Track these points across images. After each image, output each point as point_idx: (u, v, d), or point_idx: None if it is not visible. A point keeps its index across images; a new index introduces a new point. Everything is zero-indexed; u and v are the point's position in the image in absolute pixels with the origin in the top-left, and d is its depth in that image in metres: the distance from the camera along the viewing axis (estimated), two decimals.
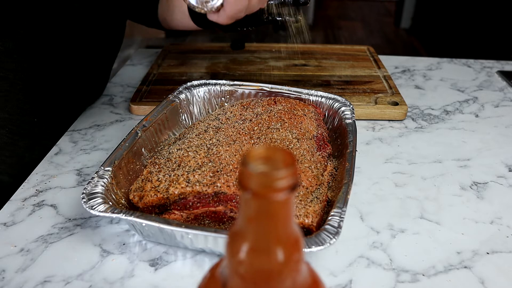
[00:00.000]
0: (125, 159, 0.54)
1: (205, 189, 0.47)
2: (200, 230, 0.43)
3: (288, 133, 0.57)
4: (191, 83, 0.71)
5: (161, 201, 0.48)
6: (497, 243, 0.51)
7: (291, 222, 0.23)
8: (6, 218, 0.53)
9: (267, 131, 0.58)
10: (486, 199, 0.58)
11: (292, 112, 0.63)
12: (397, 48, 3.47)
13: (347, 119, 0.63)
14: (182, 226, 0.43)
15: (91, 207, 0.45)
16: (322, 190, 0.51)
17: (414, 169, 0.64)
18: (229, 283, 0.24)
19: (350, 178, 0.50)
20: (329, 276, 0.46)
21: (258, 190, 0.21)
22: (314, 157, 0.55)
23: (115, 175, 0.51)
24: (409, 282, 0.46)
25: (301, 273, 0.25)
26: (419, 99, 0.85)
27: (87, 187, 0.48)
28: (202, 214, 0.48)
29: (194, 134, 0.58)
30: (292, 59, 0.97)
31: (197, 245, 0.46)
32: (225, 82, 0.72)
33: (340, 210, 0.45)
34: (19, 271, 0.46)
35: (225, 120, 0.61)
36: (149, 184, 0.49)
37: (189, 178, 0.49)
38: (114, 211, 0.45)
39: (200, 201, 0.48)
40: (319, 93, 0.69)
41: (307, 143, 0.57)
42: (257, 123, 0.59)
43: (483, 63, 1.02)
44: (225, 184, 0.47)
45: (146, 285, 0.45)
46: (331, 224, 0.43)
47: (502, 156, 0.67)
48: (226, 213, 0.48)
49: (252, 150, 0.23)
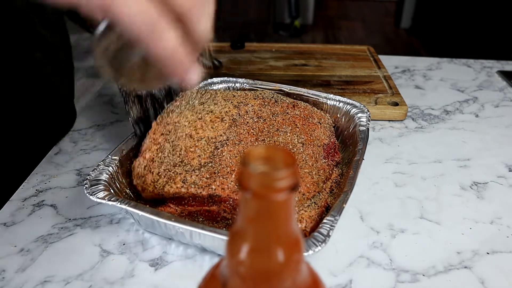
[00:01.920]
0: (134, 149, 0.55)
1: (199, 191, 0.48)
2: (188, 225, 0.43)
3: (295, 137, 0.57)
4: (211, 79, 0.71)
5: (157, 196, 0.50)
6: (497, 243, 0.51)
7: (291, 222, 0.23)
8: (6, 218, 0.53)
9: (275, 133, 0.57)
10: (486, 199, 0.58)
11: (308, 119, 0.61)
12: (397, 48, 3.47)
13: (361, 125, 0.62)
14: (172, 219, 0.44)
15: (92, 193, 0.46)
16: (322, 196, 0.51)
17: (414, 169, 0.64)
18: (229, 283, 0.24)
19: (350, 187, 0.49)
20: (329, 276, 0.46)
21: (258, 190, 0.21)
22: (317, 164, 0.54)
23: (122, 164, 0.52)
24: (409, 282, 0.46)
25: (301, 273, 0.25)
26: (419, 99, 0.85)
27: (91, 174, 0.49)
28: (196, 211, 0.48)
29: (210, 115, 0.57)
30: (292, 59, 0.97)
31: (188, 240, 0.47)
32: (244, 80, 0.71)
33: (333, 219, 0.44)
34: (19, 271, 0.46)
35: (244, 112, 0.60)
36: (150, 176, 0.50)
37: (186, 179, 0.49)
38: (111, 199, 0.46)
39: (195, 200, 0.48)
40: (337, 98, 0.67)
41: (313, 149, 0.56)
42: (270, 123, 0.58)
43: (483, 63, 1.02)
44: (220, 187, 0.48)
45: (146, 285, 0.45)
46: (320, 232, 0.43)
47: (502, 156, 0.67)
48: (220, 213, 0.48)
49: (252, 150, 0.23)
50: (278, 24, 3.63)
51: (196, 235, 0.45)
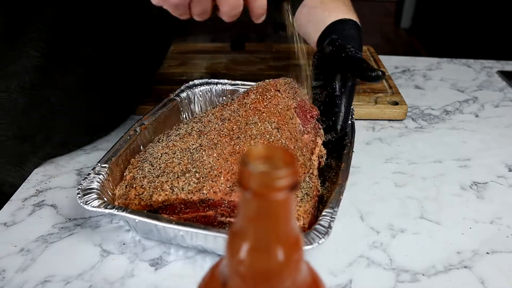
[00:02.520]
0: (123, 156, 0.54)
1: (190, 196, 0.46)
2: (191, 227, 0.43)
3: (267, 124, 0.55)
4: (193, 82, 0.71)
5: (145, 208, 0.48)
6: (497, 243, 0.51)
7: (291, 221, 0.23)
8: (6, 218, 0.53)
9: (246, 127, 0.55)
10: (486, 199, 0.58)
11: (265, 96, 0.60)
12: (397, 48, 3.46)
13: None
14: (172, 222, 0.44)
15: (85, 202, 0.46)
16: (312, 184, 0.51)
17: (414, 169, 0.64)
18: (229, 283, 0.24)
19: (344, 179, 0.49)
20: (329, 276, 0.46)
21: (258, 190, 0.21)
22: (299, 143, 0.54)
23: (112, 172, 0.52)
24: (409, 282, 0.46)
25: (301, 273, 0.25)
26: (419, 99, 0.85)
27: (82, 183, 0.48)
28: (192, 218, 0.47)
29: (178, 137, 0.56)
30: (292, 59, 0.97)
31: (188, 243, 0.47)
32: (227, 81, 0.72)
33: (332, 211, 0.45)
34: (19, 271, 0.46)
35: (207, 122, 0.58)
36: (133, 191, 0.49)
37: (173, 185, 0.48)
38: (107, 207, 0.45)
39: (188, 207, 0.47)
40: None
41: (289, 128, 0.55)
42: (235, 121, 0.57)
43: (483, 63, 1.02)
44: (211, 191, 0.46)
45: (146, 285, 0.45)
46: (321, 224, 0.43)
47: (502, 156, 0.67)
48: (217, 218, 0.47)
49: (251, 150, 0.23)
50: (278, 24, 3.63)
51: (197, 236, 0.45)
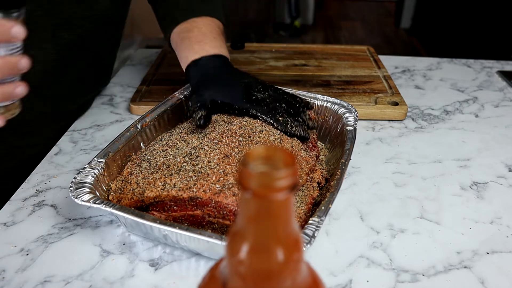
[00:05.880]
0: (121, 152, 0.54)
1: (180, 193, 0.47)
2: (174, 228, 0.43)
3: (271, 135, 0.56)
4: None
5: (137, 204, 0.48)
6: (497, 243, 0.51)
7: (291, 222, 0.23)
8: (6, 218, 0.53)
9: (249, 133, 0.55)
10: (486, 199, 0.58)
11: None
12: (397, 48, 3.46)
13: (349, 125, 0.61)
14: (157, 221, 0.43)
15: (76, 196, 0.46)
16: (307, 192, 0.51)
17: (414, 169, 0.64)
18: (229, 283, 0.24)
19: (336, 188, 0.49)
20: (329, 276, 0.46)
21: (258, 190, 0.21)
22: (298, 157, 0.54)
23: (109, 167, 0.52)
24: (409, 282, 0.46)
25: (301, 273, 0.25)
26: (419, 99, 0.85)
27: (77, 177, 0.48)
28: (181, 217, 0.47)
29: (180, 135, 0.56)
30: (292, 59, 0.97)
31: (173, 243, 0.47)
32: None
33: (319, 219, 0.44)
34: (19, 271, 0.46)
35: (212, 122, 0.58)
36: (128, 186, 0.49)
37: (165, 182, 0.48)
38: (96, 202, 0.45)
39: (177, 205, 0.47)
40: (325, 98, 0.67)
41: (292, 143, 0.55)
42: (242, 125, 0.56)
43: (483, 63, 1.02)
44: (201, 189, 0.46)
45: (146, 285, 0.45)
46: (306, 233, 0.43)
47: (502, 156, 0.67)
48: (205, 218, 0.47)
49: (252, 150, 0.23)
50: (278, 24, 3.63)
51: (181, 237, 0.45)
